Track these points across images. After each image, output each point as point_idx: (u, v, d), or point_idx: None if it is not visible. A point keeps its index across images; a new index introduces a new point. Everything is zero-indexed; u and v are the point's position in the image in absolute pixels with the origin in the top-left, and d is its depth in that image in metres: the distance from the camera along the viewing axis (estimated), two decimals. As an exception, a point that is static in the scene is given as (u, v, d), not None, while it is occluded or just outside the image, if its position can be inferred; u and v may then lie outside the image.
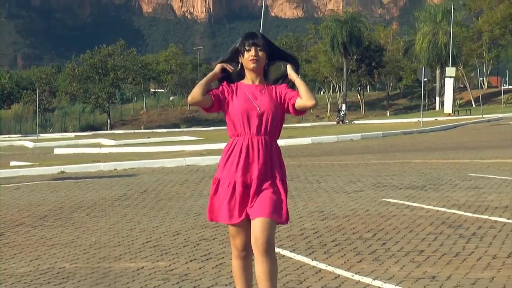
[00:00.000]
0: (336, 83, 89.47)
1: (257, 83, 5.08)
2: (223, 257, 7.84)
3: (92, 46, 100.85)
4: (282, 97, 5.05)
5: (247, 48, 5.00)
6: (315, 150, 26.83)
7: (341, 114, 63.71)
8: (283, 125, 5.23)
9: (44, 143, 47.10)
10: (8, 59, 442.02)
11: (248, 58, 5.00)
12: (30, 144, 46.45)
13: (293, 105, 5.02)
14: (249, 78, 5.09)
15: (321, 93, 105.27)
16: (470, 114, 57.70)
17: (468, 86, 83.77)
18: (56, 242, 9.36)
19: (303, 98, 4.98)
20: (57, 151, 34.88)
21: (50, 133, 76.52)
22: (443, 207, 10.70)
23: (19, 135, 70.34)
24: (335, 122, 62.12)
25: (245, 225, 4.95)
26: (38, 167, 21.61)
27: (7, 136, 70.75)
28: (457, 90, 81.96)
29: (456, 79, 73.70)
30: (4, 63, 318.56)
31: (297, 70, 5.13)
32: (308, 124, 60.49)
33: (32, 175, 19.72)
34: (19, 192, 15.34)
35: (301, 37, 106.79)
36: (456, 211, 10.27)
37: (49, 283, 7.15)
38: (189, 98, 5.00)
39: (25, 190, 15.69)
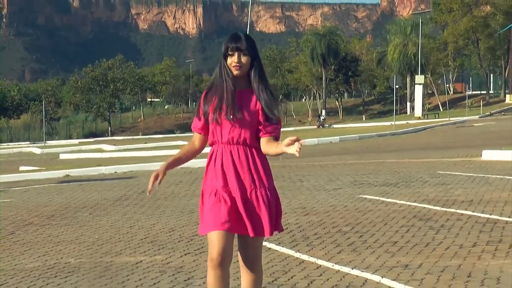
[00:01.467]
0: (316, 91, 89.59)
1: (242, 87, 4.34)
2: (214, 251, 7.82)
3: (93, 60, 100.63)
4: (259, 115, 4.30)
5: (230, 52, 4.27)
6: (297, 152, 26.83)
7: (321, 119, 63.81)
8: None
9: (50, 149, 46.93)
10: (17, 73, 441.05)
11: (231, 63, 4.28)
12: (37, 151, 46.28)
13: (260, 134, 4.32)
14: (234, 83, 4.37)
15: (303, 100, 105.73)
16: (438, 118, 57.81)
17: (435, 92, 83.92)
18: (62, 239, 9.33)
19: (266, 148, 4.31)
20: (62, 156, 34.79)
21: (56, 140, 76.16)
22: (414, 202, 10.72)
23: (28, 143, 70.01)
24: (315, 126, 62.21)
25: (225, 234, 4.22)
26: (45, 171, 21.53)
27: (16, 143, 70.45)
28: (426, 95, 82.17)
29: (425, 85, 73.90)
30: (13, 77, 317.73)
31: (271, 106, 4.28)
32: (291, 129, 60.56)
33: (39, 179, 19.65)
34: (28, 194, 15.28)
35: (284, 49, 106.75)
36: (426, 206, 10.29)
37: (56, 276, 7.13)
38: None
39: (33, 193, 15.63)
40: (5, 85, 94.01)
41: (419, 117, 59.82)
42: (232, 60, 4.27)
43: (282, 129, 4.42)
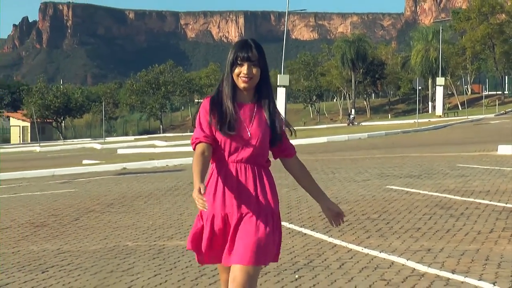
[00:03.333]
0: (346, 92, 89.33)
1: (248, 101, 3.49)
2: (256, 235, 7.82)
3: (147, 66, 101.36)
4: (267, 133, 3.47)
5: (239, 62, 3.40)
6: (329, 147, 26.75)
7: (351, 117, 63.52)
8: (300, 128, 3.94)
9: (109, 145, 47.43)
10: (80, 77, 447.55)
11: (238, 74, 3.41)
12: (98, 146, 46.79)
13: (279, 154, 3.60)
14: (239, 95, 3.49)
15: (334, 100, 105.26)
16: (457, 116, 57.21)
17: (455, 92, 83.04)
18: (120, 225, 9.41)
19: (300, 177, 3.65)
20: (120, 151, 35.09)
21: (114, 137, 77.00)
22: (436, 192, 10.62)
23: (89, 139, 70.86)
24: (346, 124, 61.89)
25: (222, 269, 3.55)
26: (105, 165, 21.75)
27: (80, 140, 71.35)
28: (446, 96, 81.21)
29: (445, 87, 73.04)
30: (76, 81, 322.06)
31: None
32: (324, 126, 60.34)
33: (100, 171, 19.86)
34: (90, 185, 15.45)
35: (317, 55, 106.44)
36: (447, 195, 10.18)
37: (115, 258, 7.19)
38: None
39: (94, 183, 15.80)
40: (70, 89, 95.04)
41: (440, 116, 59.20)
42: (240, 71, 3.41)
43: (316, 126, 4.05)
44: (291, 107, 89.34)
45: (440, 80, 63.17)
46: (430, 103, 75.93)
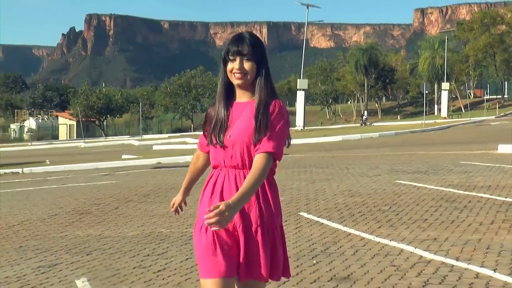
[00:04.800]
0: (359, 95, 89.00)
1: (245, 100, 2.83)
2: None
3: (179, 71, 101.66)
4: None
5: (231, 57, 2.78)
6: (344, 145, 26.64)
7: (363, 118, 63.15)
8: (317, 127, 3.26)
9: (146, 141, 47.62)
10: (120, 81, 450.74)
11: (231, 70, 2.79)
12: (136, 143, 47.04)
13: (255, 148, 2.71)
14: (237, 94, 2.87)
15: (348, 102, 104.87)
16: (461, 118, 56.67)
17: (458, 96, 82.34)
18: (156, 213, 9.45)
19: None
20: (155, 147, 35.26)
21: (150, 134, 77.35)
22: (441, 186, 10.53)
23: (128, 136, 71.23)
24: (359, 124, 61.58)
25: (224, 283, 2.68)
26: (142, 159, 21.86)
27: (119, 137, 71.79)
28: (450, 99, 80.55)
29: (450, 91, 72.46)
30: (117, 84, 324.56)
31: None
32: (339, 126, 60.09)
33: (137, 165, 19.96)
34: (128, 177, 15.54)
35: (333, 62, 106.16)
36: (451, 190, 10.09)
37: (151, 243, 7.23)
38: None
39: (133, 176, 15.88)
40: (111, 91, 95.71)
41: (445, 117, 58.71)
42: (232, 66, 2.78)
43: (331, 126, 3.21)
44: (309, 108, 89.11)
45: (445, 85, 62.67)
46: (436, 106, 75.33)
